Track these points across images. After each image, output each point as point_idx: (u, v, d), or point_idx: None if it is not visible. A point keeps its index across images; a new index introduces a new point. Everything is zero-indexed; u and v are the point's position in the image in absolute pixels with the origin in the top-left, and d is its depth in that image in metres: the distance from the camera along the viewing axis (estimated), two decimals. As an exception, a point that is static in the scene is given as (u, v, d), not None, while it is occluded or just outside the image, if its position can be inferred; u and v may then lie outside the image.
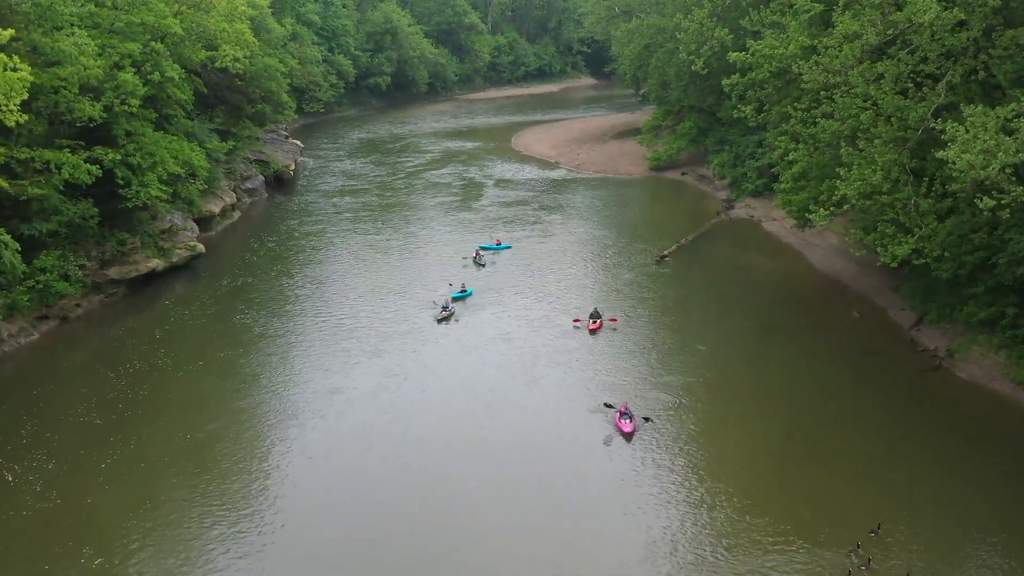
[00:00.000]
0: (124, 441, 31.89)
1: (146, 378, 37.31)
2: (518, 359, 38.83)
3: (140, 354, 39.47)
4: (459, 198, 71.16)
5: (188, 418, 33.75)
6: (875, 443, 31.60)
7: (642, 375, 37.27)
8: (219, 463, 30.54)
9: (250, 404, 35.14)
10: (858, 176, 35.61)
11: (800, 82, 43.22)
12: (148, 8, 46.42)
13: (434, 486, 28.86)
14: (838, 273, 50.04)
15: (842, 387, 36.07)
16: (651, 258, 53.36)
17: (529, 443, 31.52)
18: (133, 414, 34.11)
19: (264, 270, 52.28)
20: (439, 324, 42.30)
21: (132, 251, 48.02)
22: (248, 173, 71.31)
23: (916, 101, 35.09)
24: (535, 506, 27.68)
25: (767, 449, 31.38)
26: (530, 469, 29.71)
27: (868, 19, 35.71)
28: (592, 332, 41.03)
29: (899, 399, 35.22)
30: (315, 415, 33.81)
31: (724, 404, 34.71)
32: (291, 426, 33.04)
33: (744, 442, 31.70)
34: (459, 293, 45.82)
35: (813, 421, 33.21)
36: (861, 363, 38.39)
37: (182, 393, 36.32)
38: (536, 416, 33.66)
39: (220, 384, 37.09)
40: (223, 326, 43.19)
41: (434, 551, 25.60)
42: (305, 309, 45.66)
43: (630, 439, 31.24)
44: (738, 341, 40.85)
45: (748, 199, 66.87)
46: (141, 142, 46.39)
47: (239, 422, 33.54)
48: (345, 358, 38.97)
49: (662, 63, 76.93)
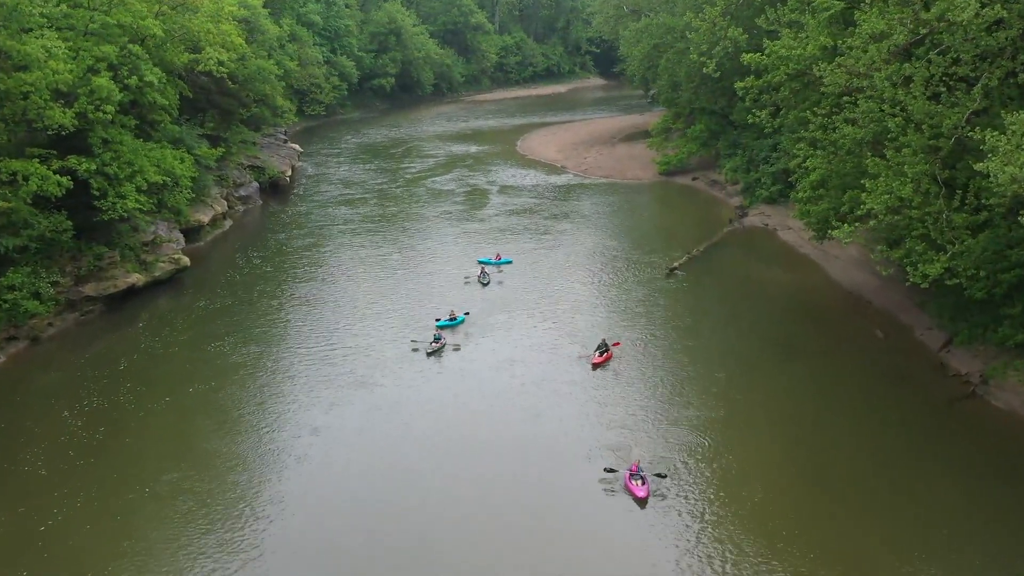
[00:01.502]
0: (70, 497, 27.93)
1: (104, 417, 33.46)
2: (518, 393, 35.26)
3: (101, 388, 35.88)
4: (461, 207, 68.05)
5: (147, 466, 29.93)
6: (908, 485, 28.63)
7: (655, 410, 33.86)
8: (178, 523, 26.72)
9: (220, 448, 31.34)
10: (885, 188, 32.63)
11: (820, 85, 40.41)
12: (126, 8, 43.64)
13: (425, 550, 25.71)
14: (859, 287, 47.03)
15: (870, 420, 33.04)
16: (661, 271, 50.44)
17: (531, 507, 27.61)
18: (84, 463, 30.22)
19: (248, 289, 48.64)
20: (429, 357, 38.47)
21: (110, 266, 45.34)
22: (241, 180, 68.70)
23: (949, 106, 32.12)
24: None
25: (793, 497, 28.17)
26: (532, 541, 26.09)
27: (897, 17, 32.70)
28: (596, 366, 37.19)
29: (932, 433, 32.29)
30: (294, 458, 30.29)
31: (745, 444, 31.30)
32: (266, 473, 29.42)
33: (768, 489, 28.42)
34: (447, 321, 41.92)
35: (839, 461, 30.17)
36: (889, 391, 35.38)
37: (143, 436, 32.40)
38: (538, 467, 29.68)
39: (188, 424, 33.38)
40: (198, 354, 39.57)
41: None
42: (289, 334, 42.11)
43: (644, 504, 27.37)
44: (756, 367, 37.81)
45: (762, 206, 63.86)
46: (119, 150, 43.73)
47: (206, 469, 29.84)
48: (330, 391, 35.53)
49: (672, 63, 73.95)
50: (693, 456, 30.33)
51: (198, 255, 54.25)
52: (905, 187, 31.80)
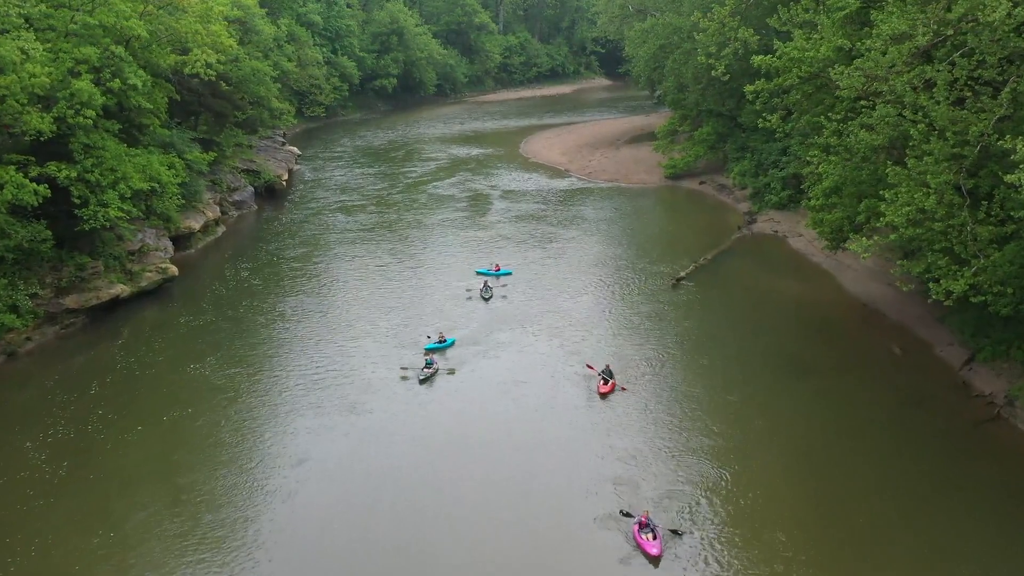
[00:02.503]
0: (24, 544, 25.57)
1: (70, 449, 30.92)
2: (517, 420, 33.12)
3: (70, 415, 33.39)
4: (462, 213, 65.84)
5: (114, 506, 27.61)
6: (931, 517, 26.95)
7: (664, 439, 31.62)
8: (148, 571, 24.56)
9: (195, 484, 28.81)
10: (906, 199, 30.60)
11: (834, 88, 38.45)
12: (109, 8, 41.71)
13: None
14: (874, 299, 45.02)
15: (889, 445, 31.17)
16: (667, 281, 48.44)
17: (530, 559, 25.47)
18: (44, 503, 27.72)
19: (235, 304, 46.22)
20: (422, 384, 35.92)
21: (94, 276, 43.55)
22: (236, 184, 66.84)
23: (974, 112, 30.10)
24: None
25: (813, 537, 26.18)
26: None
27: (921, 17, 30.67)
28: (603, 395, 34.80)
29: (955, 458, 30.41)
30: (277, 497, 27.99)
31: (758, 479, 28.99)
32: (245, 513, 27.15)
33: (786, 530, 26.37)
34: (436, 344, 39.42)
35: (858, 494, 28.15)
36: (908, 413, 33.47)
37: (111, 471, 29.55)
38: (538, 510, 27.52)
39: (161, 458, 30.57)
40: (177, 376, 37.21)
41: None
42: (275, 354, 39.78)
43: (657, 564, 24.82)
44: (768, 388, 35.77)
45: (771, 212, 61.91)
46: (102, 156, 41.84)
47: (178, 509, 27.38)
48: (317, 419, 33.16)
49: (678, 64, 71.84)
50: (705, 494, 28.19)
51: (188, 263, 52.47)
52: (928, 198, 29.76)
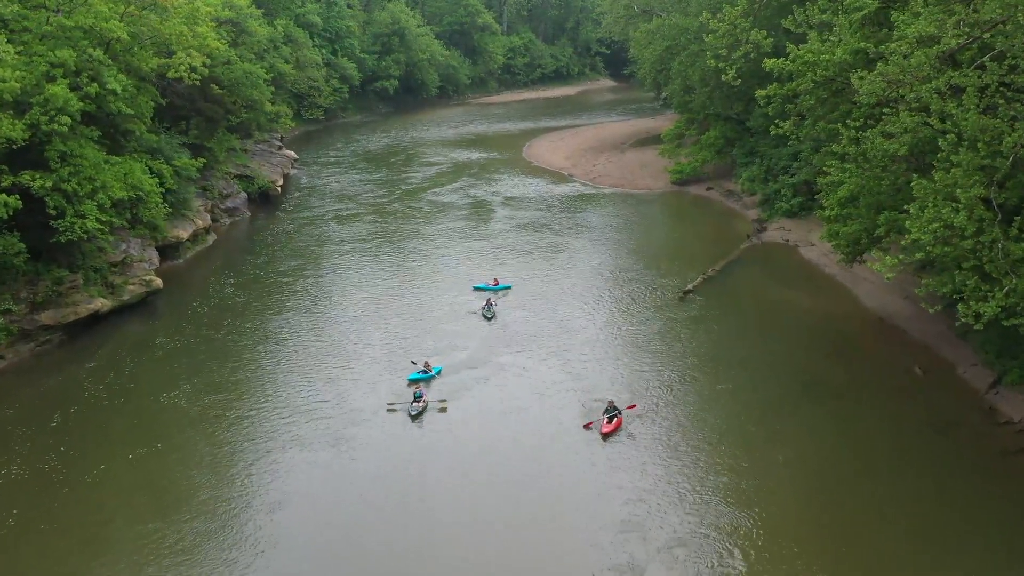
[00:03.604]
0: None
1: (19, 493, 28.03)
2: (515, 460, 30.31)
3: (26, 453, 30.49)
4: (463, 223, 63.23)
5: (63, 564, 24.78)
6: (957, 562, 24.74)
7: (674, 478, 28.87)
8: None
9: (155, 533, 25.93)
10: (933, 215, 28.35)
11: (851, 94, 36.31)
12: (88, 9, 39.60)
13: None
14: (892, 314, 42.74)
15: (911, 477, 28.98)
16: (675, 294, 46.22)
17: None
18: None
19: (217, 323, 43.26)
20: (414, 421, 32.86)
21: (72, 290, 41.45)
22: (228, 190, 64.81)
23: (1007, 121, 27.88)
24: None
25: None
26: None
27: (949, 19, 28.46)
28: (606, 436, 31.36)
29: (982, 493, 28.04)
30: (246, 548, 25.28)
31: (776, 523, 26.63)
32: (213, 569, 24.43)
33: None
34: (420, 374, 36.14)
35: (890, 539, 25.82)
36: (931, 441, 31.30)
37: (63, 521, 26.72)
38: (534, 561, 25.15)
39: (120, 504, 27.74)
40: (148, 404, 34.46)
41: None
42: (257, 380, 37.04)
43: None
44: (782, 414, 33.44)
45: (782, 219, 59.68)
46: (79, 165, 39.75)
47: (136, 566, 24.55)
48: (297, 456, 30.36)
49: (685, 66, 69.57)
50: (723, 541, 25.75)
51: (175, 274, 50.40)
52: (959, 215, 27.53)
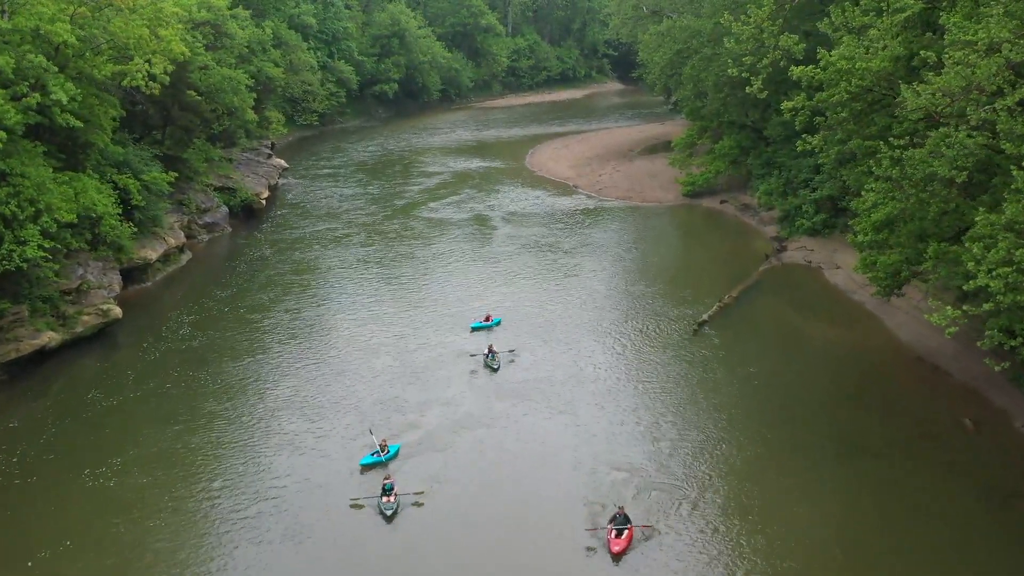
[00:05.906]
0: None
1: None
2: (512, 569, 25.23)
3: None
4: (461, 243, 58.18)
5: None
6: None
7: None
8: None
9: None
10: (1003, 256, 23.81)
11: (892, 106, 31.83)
12: (28, 10, 35.25)
13: None
14: (932, 351, 38.09)
15: (971, 562, 24.46)
16: (688, 326, 41.59)
17: None
18: None
19: (167, 371, 37.51)
20: (389, 522, 26.91)
21: (15, 324, 37.10)
22: (207, 204, 60.37)
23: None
24: None
25: None
26: None
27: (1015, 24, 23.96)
28: (617, 555, 24.81)
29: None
30: None
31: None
32: None
33: None
34: (371, 457, 30.02)
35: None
36: (991, 514, 26.74)
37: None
38: None
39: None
40: (66, 479, 29.02)
41: None
42: (207, 449, 31.00)
43: None
44: (817, 477, 28.94)
45: (803, 237, 55.05)
46: (19, 185, 35.47)
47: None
48: (252, 550, 25.48)
49: (697, 71, 64.85)
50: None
51: (140, 300, 46.05)
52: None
